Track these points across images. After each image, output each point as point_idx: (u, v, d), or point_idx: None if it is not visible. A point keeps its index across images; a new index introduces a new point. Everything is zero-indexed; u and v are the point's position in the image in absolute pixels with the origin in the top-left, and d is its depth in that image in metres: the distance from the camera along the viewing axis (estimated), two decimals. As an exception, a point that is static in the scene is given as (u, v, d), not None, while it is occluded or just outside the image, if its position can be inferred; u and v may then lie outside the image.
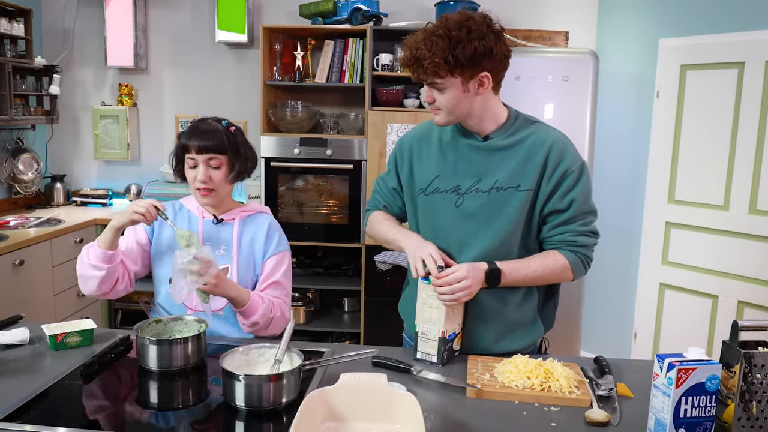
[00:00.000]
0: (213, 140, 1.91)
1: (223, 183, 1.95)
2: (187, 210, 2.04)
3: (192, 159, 1.91)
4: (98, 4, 4.38)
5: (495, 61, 1.62)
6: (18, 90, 3.93)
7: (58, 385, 1.54)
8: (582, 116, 3.57)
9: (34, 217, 3.95)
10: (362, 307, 3.97)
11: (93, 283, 1.89)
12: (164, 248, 1.99)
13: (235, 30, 4.20)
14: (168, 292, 1.96)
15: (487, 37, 1.59)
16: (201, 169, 1.91)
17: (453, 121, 1.72)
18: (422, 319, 1.70)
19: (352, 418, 1.34)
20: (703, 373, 1.23)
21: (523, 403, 1.48)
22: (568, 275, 1.75)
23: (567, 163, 1.70)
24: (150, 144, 4.60)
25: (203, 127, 1.94)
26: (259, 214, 2.06)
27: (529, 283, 1.75)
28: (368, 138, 3.83)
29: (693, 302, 3.62)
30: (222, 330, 1.96)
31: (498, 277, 1.69)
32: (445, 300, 1.63)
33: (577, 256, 1.74)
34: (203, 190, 1.92)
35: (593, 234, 1.76)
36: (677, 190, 3.67)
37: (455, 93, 1.64)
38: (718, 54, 3.40)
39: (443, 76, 1.61)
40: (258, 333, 1.94)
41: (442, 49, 1.57)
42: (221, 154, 1.92)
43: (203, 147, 1.89)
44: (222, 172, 1.94)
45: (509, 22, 3.97)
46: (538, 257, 1.75)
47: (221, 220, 2.01)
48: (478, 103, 1.68)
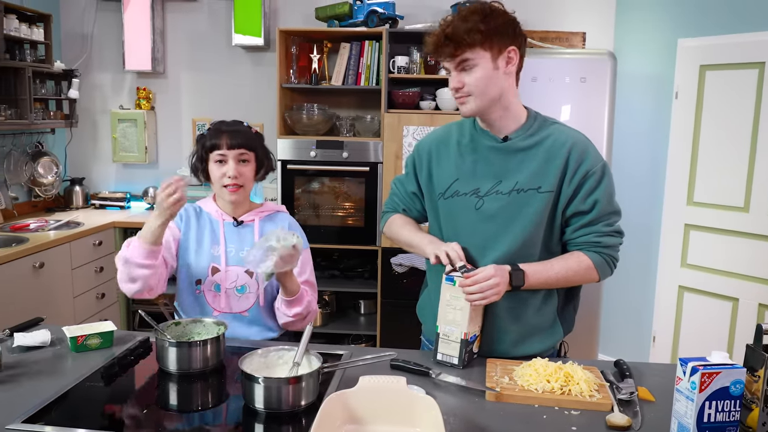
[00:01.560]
0: (242, 137, 1.97)
1: (250, 180, 2.00)
2: (206, 213, 2.06)
3: (222, 155, 1.94)
4: (116, 8, 4.43)
5: (520, 38, 1.67)
6: (38, 94, 3.98)
7: (79, 386, 1.55)
8: (600, 118, 3.55)
9: (53, 220, 3.99)
10: (378, 309, 3.97)
11: (141, 283, 1.85)
12: (190, 243, 2.01)
13: (251, 33, 4.22)
14: (186, 298, 2.00)
15: (510, 15, 1.66)
16: (231, 164, 1.95)
17: (483, 107, 1.68)
18: (445, 320, 1.69)
19: (372, 421, 1.34)
20: (727, 377, 1.21)
21: (543, 407, 1.47)
22: (593, 276, 1.74)
23: (589, 163, 1.68)
24: (167, 147, 4.64)
25: (229, 126, 1.99)
26: (277, 213, 2.10)
27: (552, 285, 1.74)
28: (384, 140, 3.83)
29: (713, 305, 3.58)
30: (243, 332, 1.97)
31: (522, 278, 1.67)
32: (473, 300, 1.62)
33: (601, 257, 1.72)
34: (232, 186, 1.95)
35: (618, 234, 1.74)
36: (696, 192, 3.63)
37: (485, 71, 1.64)
38: (738, 54, 3.36)
39: (474, 47, 1.62)
40: (293, 326, 1.98)
41: (474, 21, 1.61)
42: (250, 150, 1.98)
43: (234, 143, 1.94)
44: (250, 169, 1.99)
45: (526, 23, 3.92)
46: (561, 259, 1.73)
47: (241, 222, 2.03)
48: (506, 86, 1.68)
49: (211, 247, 2.00)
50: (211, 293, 1.98)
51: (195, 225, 2.04)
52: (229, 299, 1.98)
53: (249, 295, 1.98)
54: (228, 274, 1.98)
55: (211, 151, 1.96)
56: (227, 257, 1.99)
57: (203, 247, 2.00)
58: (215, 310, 1.98)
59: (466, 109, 1.70)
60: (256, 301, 1.99)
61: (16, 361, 1.69)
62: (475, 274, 1.62)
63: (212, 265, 1.98)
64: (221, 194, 2.00)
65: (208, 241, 2.01)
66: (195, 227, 2.04)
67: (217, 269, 1.98)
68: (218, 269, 1.98)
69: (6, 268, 3.08)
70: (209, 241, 2.01)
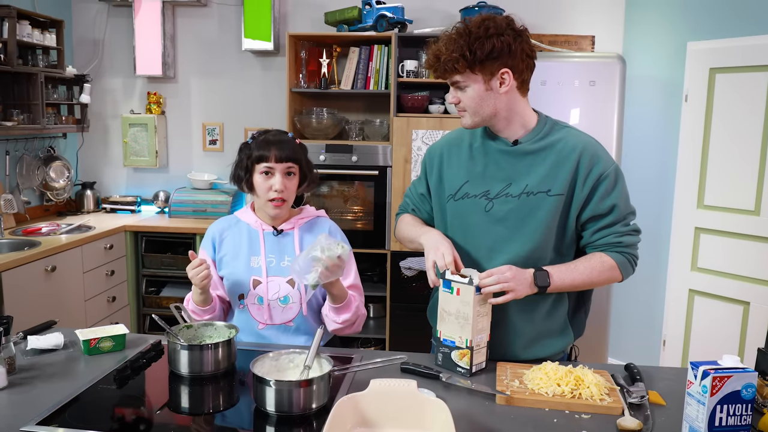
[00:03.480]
0: (289, 149, 1.93)
1: (294, 192, 1.98)
2: (245, 224, 2.04)
3: (269, 168, 1.91)
4: (127, 14, 4.47)
5: (515, 58, 1.63)
6: (50, 99, 4.02)
7: (92, 389, 1.57)
8: (609, 121, 3.55)
9: (65, 223, 4.02)
10: (388, 313, 3.97)
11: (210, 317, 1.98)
12: (226, 257, 2.03)
13: (261, 38, 4.25)
14: (233, 314, 2.04)
15: (506, 34, 1.61)
16: (278, 178, 1.92)
17: (479, 122, 1.72)
18: (476, 330, 1.65)
19: (383, 424, 1.34)
20: (738, 381, 1.21)
21: (554, 411, 1.47)
22: (617, 276, 1.73)
23: (601, 167, 1.69)
24: (178, 151, 4.67)
25: (277, 137, 1.95)
26: (317, 219, 2.07)
27: (578, 286, 1.72)
28: (393, 144, 3.84)
29: (723, 309, 3.56)
30: (284, 342, 1.96)
31: (546, 278, 1.65)
32: (489, 291, 1.60)
33: (623, 256, 1.72)
34: (278, 200, 1.93)
35: (636, 233, 1.75)
36: (707, 195, 3.62)
37: (478, 91, 1.65)
38: (748, 57, 3.35)
39: (462, 71, 1.63)
40: (343, 332, 1.97)
41: (461, 46, 1.60)
42: (296, 162, 1.94)
43: (282, 156, 1.91)
44: (295, 182, 1.97)
45: (535, 27, 3.96)
46: (584, 260, 1.73)
47: (281, 231, 2.01)
48: (503, 104, 1.68)
49: (250, 259, 1.98)
50: (255, 306, 1.97)
51: (230, 238, 2.03)
52: (273, 311, 1.96)
53: (293, 305, 1.96)
54: (270, 285, 1.95)
55: (258, 163, 1.92)
56: (267, 268, 1.96)
57: (241, 260, 1.98)
58: (260, 323, 1.97)
59: (465, 122, 1.74)
60: (300, 310, 1.97)
61: (30, 364, 1.70)
62: (489, 274, 1.62)
63: (253, 278, 1.96)
64: (265, 207, 1.97)
65: (245, 253, 1.99)
66: (231, 240, 2.02)
67: (259, 281, 1.96)
68: (259, 281, 1.96)
69: (19, 271, 3.11)
70: (247, 252, 1.99)
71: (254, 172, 1.94)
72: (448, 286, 1.65)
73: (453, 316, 1.66)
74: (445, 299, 1.67)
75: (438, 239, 1.74)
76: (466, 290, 1.62)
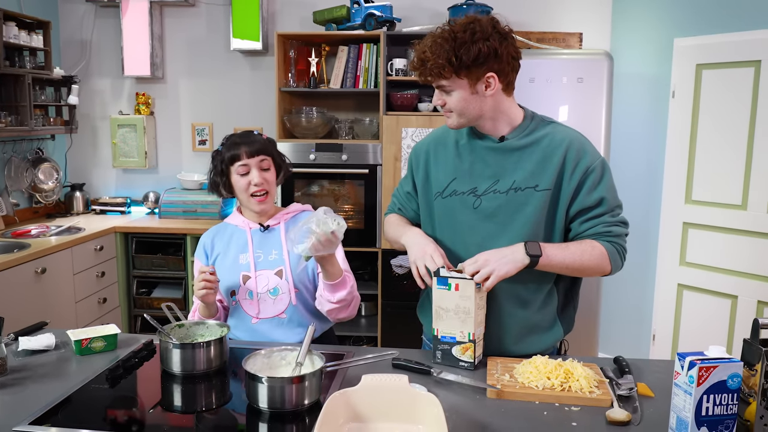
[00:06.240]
0: (259, 143, 1.99)
1: (274, 185, 2.03)
2: (232, 226, 2.08)
3: (244, 165, 1.96)
4: (115, 14, 4.45)
5: (501, 62, 1.63)
6: (37, 101, 3.99)
7: (84, 389, 1.57)
8: (597, 117, 3.57)
9: (54, 225, 4.00)
10: (379, 311, 3.98)
11: None
12: (218, 261, 2.05)
13: (249, 38, 4.24)
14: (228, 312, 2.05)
15: (492, 38, 1.61)
16: (254, 172, 1.97)
17: (465, 123, 1.73)
18: (477, 322, 1.67)
19: (375, 418, 1.35)
20: (724, 371, 1.23)
21: (544, 404, 1.49)
22: (606, 265, 1.71)
23: (587, 160, 1.70)
24: (167, 152, 4.65)
25: (245, 136, 2.01)
26: (303, 213, 2.10)
27: (568, 267, 1.69)
28: (383, 143, 3.85)
29: (712, 303, 3.59)
30: (286, 336, 1.97)
31: (538, 247, 1.64)
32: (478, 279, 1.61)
33: (613, 246, 1.71)
34: (260, 194, 1.97)
35: (624, 224, 1.74)
36: (694, 190, 3.65)
37: (463, 94, 1.66)
38: (734, 53, 3.38)
39: (448, 77, 1.64)
40: (338, 314, 1.97)
41: (446, 51, 1.60)
42: (268, 155, 2.00)
43: (254, 150, 1.97)
44: (272, 174, 2.02)
45: (522, 24, 3.98)
46: (575, 243, 1.72)
47: (267, 226, 2.04)
48: (489, 105, 1.69)
49: (238, 257, 2.01)
50: (247, 301, 1.99)
51: (219, 242, 2.07)
52: (264, 303, 1.98)
53: (282, 296, 1.98)
54: (259, 279, 1.98)
55: (232, 163, 1.97)
56: (256, 263, 1.99)
57: (229, 258, 2.02)
58: (253, 317, 1.98)
59: (450, 123, 1.75)
60: (290, 301, 1.98)
61: (22, 365, 1.70)
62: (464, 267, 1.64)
63: (242, 274, 1.99)
64: (249, 204, 2.00)
65: (234, 252, 2.02)
66: (220, 244, 2.06)
67: (248, 276, 1.98)
68: (249, 276, 1.98)
69: (8, 274, 3.09)
70: (235, 251, 2.02)
71: (231, 174, 1.99)
72: (444, 284, 1.66)
73: (452, 312, 1.67)
74: (440, 297, 1.68)
75: (422, 240, 1.75)
76: (466, 285, 1.63)
